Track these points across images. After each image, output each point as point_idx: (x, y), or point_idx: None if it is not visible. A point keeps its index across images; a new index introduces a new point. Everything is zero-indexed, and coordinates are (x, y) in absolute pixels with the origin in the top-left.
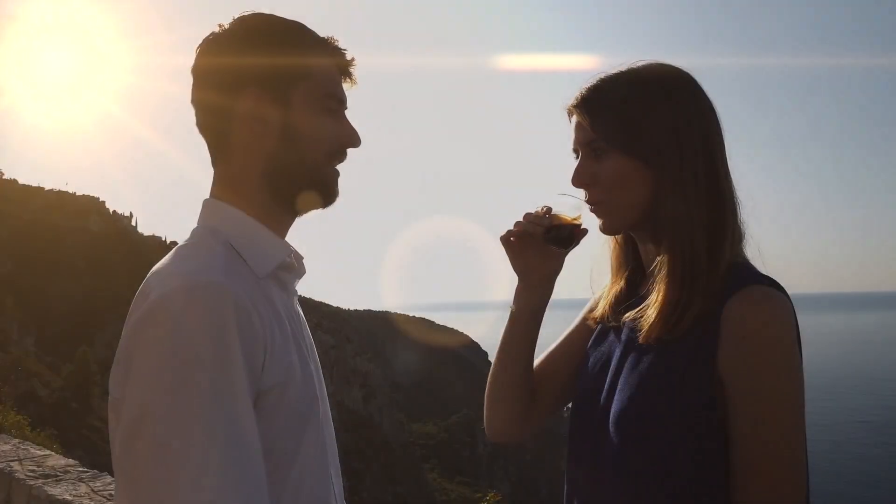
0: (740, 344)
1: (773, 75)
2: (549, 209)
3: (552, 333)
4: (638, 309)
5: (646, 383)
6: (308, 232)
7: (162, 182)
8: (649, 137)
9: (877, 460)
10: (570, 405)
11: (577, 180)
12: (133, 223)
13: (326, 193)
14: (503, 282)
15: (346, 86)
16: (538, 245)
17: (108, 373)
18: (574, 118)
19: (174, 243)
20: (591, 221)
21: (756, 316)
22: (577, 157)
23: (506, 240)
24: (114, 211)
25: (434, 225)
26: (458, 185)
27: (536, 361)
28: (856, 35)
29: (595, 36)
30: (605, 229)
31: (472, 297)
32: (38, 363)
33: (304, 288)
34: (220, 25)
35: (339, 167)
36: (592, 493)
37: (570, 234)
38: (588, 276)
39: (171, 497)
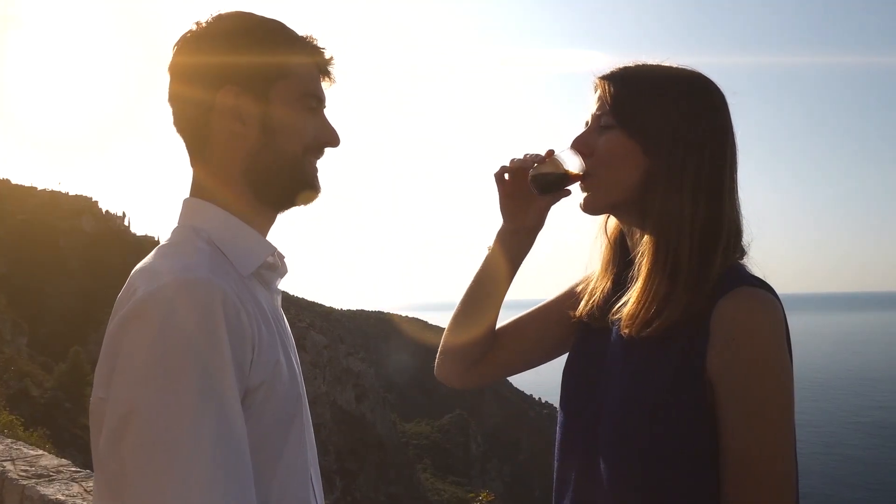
0: (730, 345)
1: (765, 73)
2: (551, 152)
3: None
4: (620, 304)
5: (635, 385)
6: (303, 231)
7: (155, 182)
8: (655, 126)
9: (868, 462)
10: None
11: (576, 145)
12: (126, 223)
13: (308, 188)
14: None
15: (325, 84)
16: (528, 189)
17: None
18: (598, 91)
19: None
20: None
21: (745, 317)
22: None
23: (499, 176)
24: (107, 211)
25: (428, 224)
26: (453, 184)
27: (506, 321)
28: (846, 33)
29: (586, 34)
30: (586, 205)
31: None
32: (31, 363)
33: (297, 288)
34: (197, 23)
35: (323, 169)
36: (583, 494)
37: (554, 180)
38: (544, 277)
39: (160, 498)
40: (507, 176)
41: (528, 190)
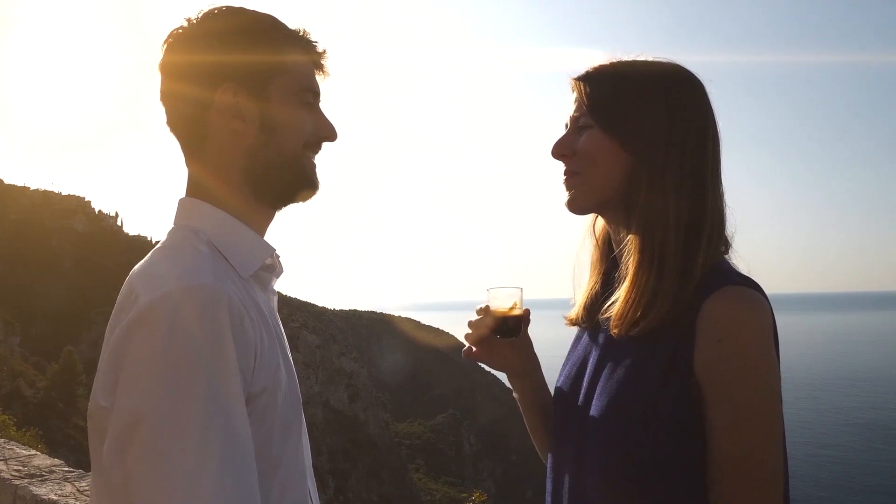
0: (717, 345)
1: (760, 72)
2: (487, 308)
3: (545, 333)
4: (609, 304)
5: (623, 386)
6: (295, 230)
7: (148, 182)
8: (633, 123)
9: (859, 463)
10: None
11: (556, 150)
12: (119, 223)
13: (307, 184)
14: (493, 282)
15: (319, 78)
16: (499, 341)
17: (94, 373)
18: (574, 92)
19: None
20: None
21: (733, 317)
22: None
23: (468, 354)
24: (99, 211)
25: (423, 224)
26: (449, 184)
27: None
28: (841, 32)
29: (579, 33)
30: (571, 204)
31: (461, 297)
32: (24, 363)
33: (291, 288)
34: (188, 20)
35: (319, 167)
36: (575, 495)
37: (515, 325)
38: (547, 277)
39: None
40: (474, 349)
41: (498, 341)
